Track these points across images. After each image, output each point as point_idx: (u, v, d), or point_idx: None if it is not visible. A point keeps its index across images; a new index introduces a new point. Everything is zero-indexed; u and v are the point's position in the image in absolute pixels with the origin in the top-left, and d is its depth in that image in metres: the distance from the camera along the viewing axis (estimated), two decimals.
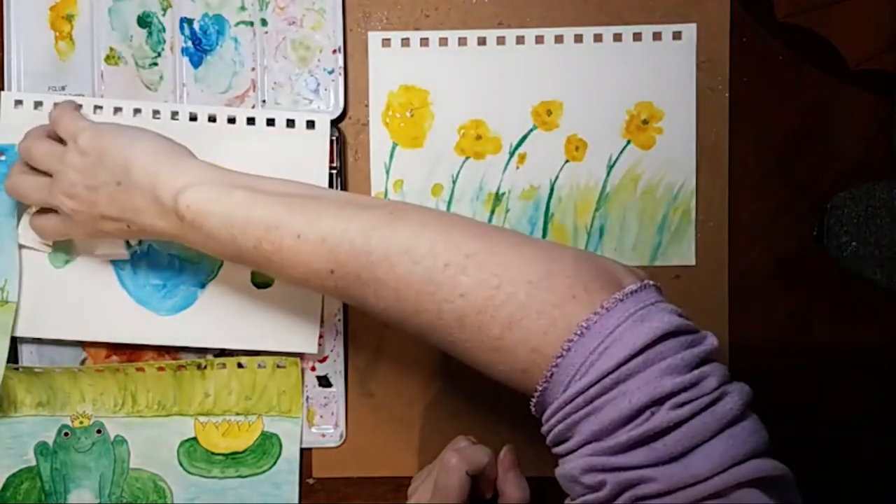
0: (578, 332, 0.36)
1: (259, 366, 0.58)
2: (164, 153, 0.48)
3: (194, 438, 0.59)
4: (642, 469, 0.34)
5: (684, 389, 0.35)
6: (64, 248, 0.57)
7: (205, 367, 0.58)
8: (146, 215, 0.47)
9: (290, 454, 0.59)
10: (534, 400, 0.39)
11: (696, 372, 0.35)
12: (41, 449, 0.59)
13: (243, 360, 0.58)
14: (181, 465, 0.59)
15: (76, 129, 0.50)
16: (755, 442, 0.35)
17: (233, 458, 0.59)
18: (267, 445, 0.59)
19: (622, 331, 0.36)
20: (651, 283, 0.39)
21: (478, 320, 0.39)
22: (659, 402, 0.34)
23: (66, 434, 0.59)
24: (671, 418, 0.34)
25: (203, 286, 0.57)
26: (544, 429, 0.38)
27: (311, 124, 0.56)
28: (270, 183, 0.47)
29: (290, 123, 0.56)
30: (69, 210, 0.50)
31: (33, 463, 0.59)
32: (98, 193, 0.48)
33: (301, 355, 0.58)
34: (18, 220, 0.56)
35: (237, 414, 0.59)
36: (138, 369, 0.58)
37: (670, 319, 0.36)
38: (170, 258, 0.57)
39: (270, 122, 0.56)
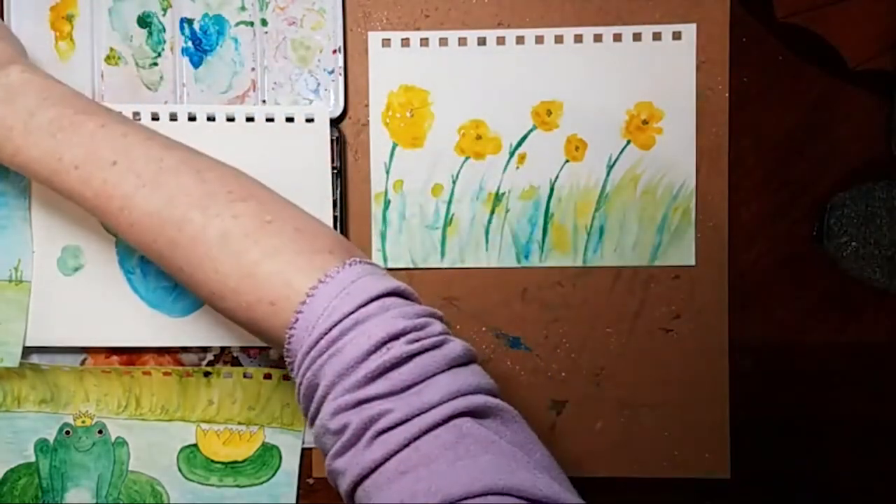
0: (324, 280, 0.41)
1: (265, 377, 0.58)
2: None
3: (195, 445, 0.59)
4: (382, 399, 0.38)
5: (416, 329, 0.39)
6: (73, 254, 0.57)
7: (210, 375, 0.58)
8: None
9: (290, 466, 0.59)
10: (286, 350, 0.42)
11: (424, 318, 0.40)
12: (41, 446, 0.59)
13: (249, 370, 0.58)
14: (180, 470, 0.59)
15: None
16: (477, 382, 0.39)
17: (232, 467, 0.59)
18: (267, 457, 0.59)
19: (363, 282, 0.41)
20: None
21: (242, 243, 0.42)
22: (395, 337, 0.39)
23: (67, 432, 0.59)
24: (406, 351, 0.38)
25: None
26: (300, 383, 0.41)
27: (309, 120, 0.56)
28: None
29: (290, 120, 0.55)
30: None
31: (32, 459, 0.59)
32: None
33: None
34: (30, 200, 0.56)
35: (239, 423, 0.59)
36: (145, 373, 0.58)
37: (403, 284, 0.42)
38: None
39: (270, 119, 0.56)
